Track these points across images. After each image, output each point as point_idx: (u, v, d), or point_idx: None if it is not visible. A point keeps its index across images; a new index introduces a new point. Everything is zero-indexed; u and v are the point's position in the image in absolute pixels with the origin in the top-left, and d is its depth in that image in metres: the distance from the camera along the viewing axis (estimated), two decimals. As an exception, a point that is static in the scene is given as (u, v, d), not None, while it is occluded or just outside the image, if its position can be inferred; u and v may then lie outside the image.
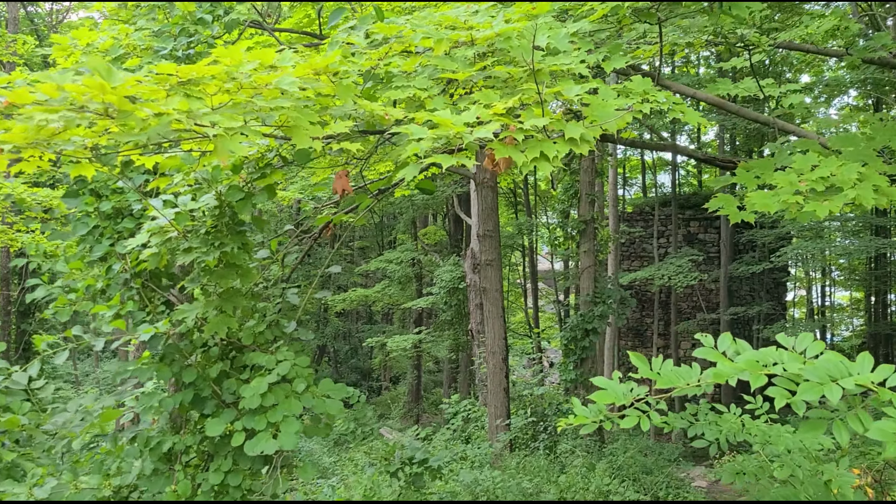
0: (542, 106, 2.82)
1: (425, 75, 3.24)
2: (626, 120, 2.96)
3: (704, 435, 3.51)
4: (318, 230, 4.43)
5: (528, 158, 2.70)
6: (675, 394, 2.05)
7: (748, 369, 1.92)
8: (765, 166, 3.45)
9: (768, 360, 1.97)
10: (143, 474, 3.86)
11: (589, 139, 2.76)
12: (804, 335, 2.03)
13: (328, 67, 3.08)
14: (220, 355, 3.97)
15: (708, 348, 2.06)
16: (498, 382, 15.62)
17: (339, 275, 39.94)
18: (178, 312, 3.72)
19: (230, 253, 3.70)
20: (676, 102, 3.17)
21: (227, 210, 3.72)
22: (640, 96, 3.15)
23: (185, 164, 3.56)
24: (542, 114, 2.80)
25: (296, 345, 3.96)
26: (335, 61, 3.08)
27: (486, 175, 16.14)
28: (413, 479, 6.52)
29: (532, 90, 2.89)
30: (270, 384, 3.64)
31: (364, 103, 3.03)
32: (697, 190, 37.03)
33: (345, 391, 3.79)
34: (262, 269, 4.17)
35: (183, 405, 3.91)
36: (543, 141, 2.74)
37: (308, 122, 2.97)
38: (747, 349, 2.05)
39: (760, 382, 1.90)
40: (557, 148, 2.72)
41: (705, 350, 2.06)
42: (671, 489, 13.64)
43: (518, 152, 2.71)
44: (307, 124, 2.95)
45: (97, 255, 4.04)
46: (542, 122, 2.73)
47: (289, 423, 3.55)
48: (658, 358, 2.15)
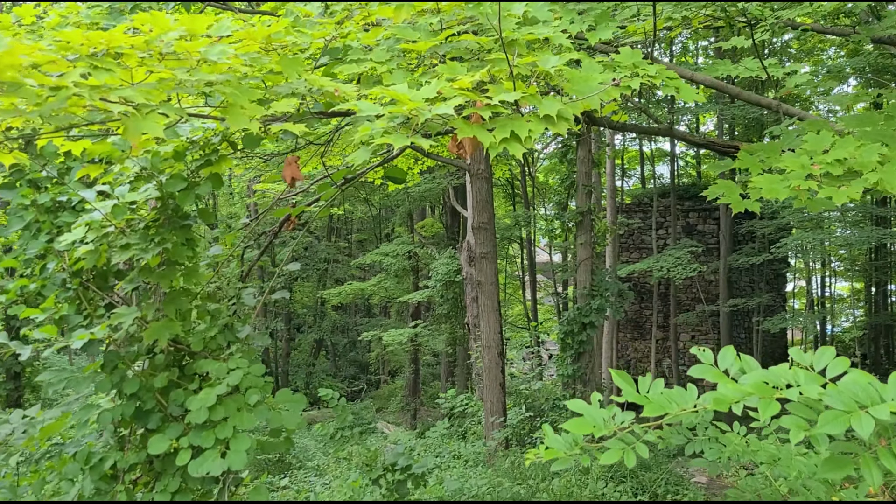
0: (514, 79, 2.42)
1: (384, 48, 2.85)
2: (612, 95, 2.56)
3: (704, 453, 3.12)
4: (277, 225, 4.05)
5: (497, 139, 2.31)
6: (669, 420, 1.68)
7: (756, 393, 1.54)
8: (770, 149, 3.07)
9: (780, 382, 1.59)
10: (82, 495, 3.49)
11: (567, 116, 2.37)
12: (824, 350, 1.65)
13: (271, 38, 2.69)
14: (168, 363, 3.60)
15: (706, 366, 1.68)
16: (494, 378, 15.26)
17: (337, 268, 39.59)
18: (116, 316, 3.33)
19: (172, 249, 3.31)
20: (671, 77, 2.77)
21: (168, 202, 3.33)
22: (628, 70, 2.76)
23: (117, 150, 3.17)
24: (513, 88, 2.40)
25: (250, 352, 3.58)
26: (280, 31, 2.68)
27: (480, 166, 15.76)
28: (396, 487, 6.16)
29: (503, 61, 2.49)
30: (220, 396, 3.27)
31: (312, 78, 2.64)
32: (696, 181, 36.66)
33: (303, 403, 3.42)
34: (216, 267, 3.79)
35: (124, 419, 3.54)
36: (514, 119, 2.35)
37: (248, 101, 2.57)
38: (754, 367, 1.67)
39: (772, 411, 1.52)
40: (530, 127, 2.33)
41: (703, 368, 1.68)
42: (670, 486, 13.29)
43: (485, 132, 2.32)
44: (246, 103, 2.56)
45: (32, 253, 3.66)
46: (513, 96, 2.34)
47: (239, 440, 3.18)
48: (646, 377, 1.77)
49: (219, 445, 3.19)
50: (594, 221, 17.75)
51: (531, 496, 7.95)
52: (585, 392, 16.98)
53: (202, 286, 3.69)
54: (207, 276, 3.65)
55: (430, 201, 32.87)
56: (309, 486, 11.19)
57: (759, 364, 2.23)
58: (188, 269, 3.43)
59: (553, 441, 1.78)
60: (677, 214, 31.70)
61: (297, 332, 40.18)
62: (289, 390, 3.46)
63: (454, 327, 26.46)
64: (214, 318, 3.64)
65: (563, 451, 1.73)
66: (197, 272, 3.49)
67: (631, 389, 1.72)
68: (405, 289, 30.58)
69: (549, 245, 42.32)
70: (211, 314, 3.66)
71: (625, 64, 2.75)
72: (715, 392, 1.60)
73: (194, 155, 3.34)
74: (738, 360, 1.69)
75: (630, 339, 33.24)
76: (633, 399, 1.71)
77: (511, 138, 2.31)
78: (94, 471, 3.50)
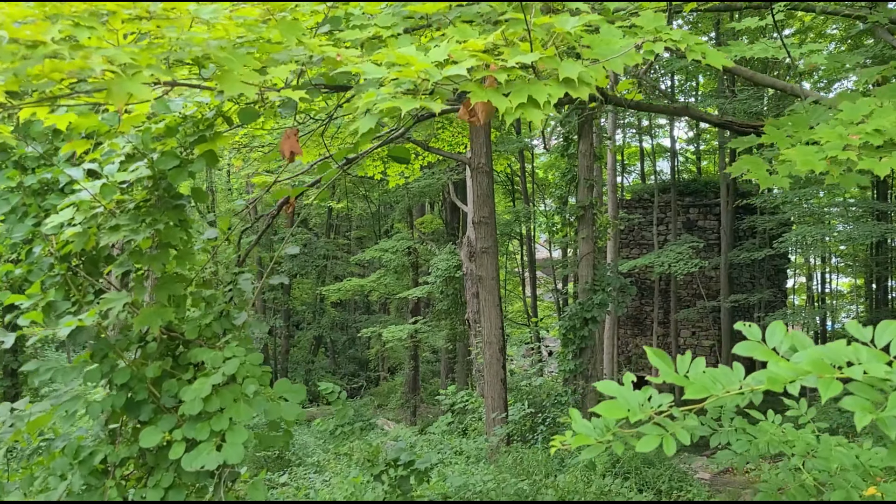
0: (531, 40, 2.24)
1: (389, 12, 2.67)
2: (635, 59, 2.39)
3: (731, 445, 2.94)
4: (276, 207, 3.86)
5: (514, 104, 2.13)
6: (711, 404, 1.51)
7: (815, 372, 1.37)
8: (798, 123, 2.89)
9: (840, 360, 1.42)
10: (71, 491, 3.31)
11: (589, 80, 2.19)
12: (887, 323, 1.47)
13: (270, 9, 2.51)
14: (161, 352, 3.41)
15: (754, 343, 1.50)
16: (495, 373, 15.10)
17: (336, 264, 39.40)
18: (105, 302, 3.15)
19: (164, 231, 3.13)
20: (697, 42, 2.59)
21: (161, 181, 3.15)
22: (650, 34, 2.58)
23: (105, 125, 2.98)
24: (529, 49, 2.22)
25: (247, 340, 3.39)
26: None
27: (481, 160, 15.57)
28: (398, 483, 5.98)
29: (519, 22, 2.31)
30: (215, 386, 3.09)
31: (312, 43, 2.46)
32: (696, 176, 36.49)
33: (303, 393, 3.24)
34: (212, 252, 3.61)
35: (115, 411, 3.36)
36: (532, 83, 2.17)
37: (243, 68, 2.39)
38: (807, 343, 1.50)
39: (834, 392, 1.35)
40: (549, 91, 2.14)
41: (750, 345, 1.50)
42: (673, 482, 13.13)
43: (500, 96, 2.14)
44: (242, 69, 2.37)
45: (19, 237, 3.47)
46: (530, 58, 2.15)
47: (235, 432, 3.00)
48: (685, 355, 1.59)
49: (214, 438, 3.01)
50: (596, 216, 17.54)
51: (535, 493, 7.77)
52: (588, 388, 16.80)
53: (197, 272, 3.51)
54: (202, 261, 3.47)
55: (429, 197, 32.70)
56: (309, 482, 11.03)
57: None
58: (181, 251, 3.24)
59: (582, 426, 1.60)
60: (678, 210, 31.56)
61: (296, 329, 40.02)
62: (287, 381, 3.28)
63: (454, 323, 26.30)
64: (209, 304, 3.46)
65: (594, 437, 1.56)
66: (191, 255, 3.30)
67: (669, 369, 1.54)
68: (405, 285, 30.42)
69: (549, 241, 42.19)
70: (206, 301, 3.47)
71: (647, 28, 2.58)
72: (766, 371, 1.43)
73: (187, 130, 3.16)
74: (787, 336, 1.51)
75: (630, 335, 33.12)
76: (671, 380, 1.54)
77: (528, 103, 2.13)
78: (83, 465, 3.32)
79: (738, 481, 16.33)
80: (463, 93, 2.33)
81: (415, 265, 31.63)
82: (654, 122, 35.16)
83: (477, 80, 2.19)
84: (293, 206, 3.62)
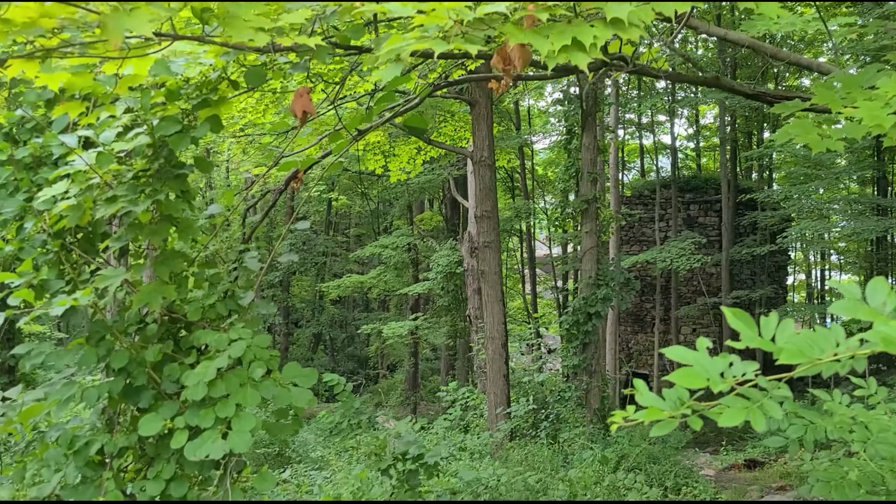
0: (574, -22, 2.02)
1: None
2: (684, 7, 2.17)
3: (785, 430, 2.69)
4: (283, 181, 3.64)
5: (556, 46, 1.91)
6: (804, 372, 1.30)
7: (937, 331, 1.16)
8: (850, 83, 2.68)
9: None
10: (65, 483, 3.10)
11: (637, 23, 1.97)
12: None
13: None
14: (162, 334, 3.19)
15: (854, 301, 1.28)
16: (497, 369, 14.90)
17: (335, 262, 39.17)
18: (100, 278, 2.92)
19: (165, 202, 2.90)
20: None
21: (161, 149, 2.92)
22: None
23: (101, 85, 2.76)
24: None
25: (254, 321, 3.17)
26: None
27: (483, 153, 15.35)
28: (407, 477, 5.76)
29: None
30: (220, 369, 2.87)
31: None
32: (696, 173, 36.35)
33: (314, 377, 3.02)
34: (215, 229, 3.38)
35: (112, 397, 3.13)
36: (576, 23, 1.95)
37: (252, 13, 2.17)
38: (914, 302, 1.29)
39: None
40: (595, 33, 1.93)
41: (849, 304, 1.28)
42: (679, 479, 12.94)
43: (541, 38, 1.92)
44: (250, 14, 2.15)
45: (10, 213, 3.25)
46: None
47: (242, 419, 2.78)
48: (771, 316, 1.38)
49: (219, 425, 2.79)
50: (599, 210, 17.33)
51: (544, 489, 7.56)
52: (591, 383, 16.60)
53: (199, 250, 3.29)
54: (205, 239, 3.25)
55: (429, 193, 32.47)
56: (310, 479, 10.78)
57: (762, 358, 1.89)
58: (183, 223, 3.02)
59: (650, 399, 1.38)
60: (678, 207, 31.41)
61: (295, 326, 39.80)
62: (297, 364, 3.06)
63: (455, 320, 26.08)
64: (213, 284, 3.24)
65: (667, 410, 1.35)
66: (193, 228, 3.07)
67: (752, 332, 1.33)
68: (405, 282, 30.20)
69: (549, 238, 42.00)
70: (210, 281, 3.25)
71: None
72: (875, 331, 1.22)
73: (189, 94, 2.94)
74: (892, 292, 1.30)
75: (631, 332, 32.96)
76: (756, 344, 1.33)
77: (572, 46, 1.92)
78: (78, 456, 3.10)
79: (744, 478, 16.15)
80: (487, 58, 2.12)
81: (415, 262, 31.43)
82: (654, 119, 35.01)
83: (513, 22, 1.97)
84: (300, 181, 3.39)
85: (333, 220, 42.59)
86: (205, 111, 2.93)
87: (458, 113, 20.22)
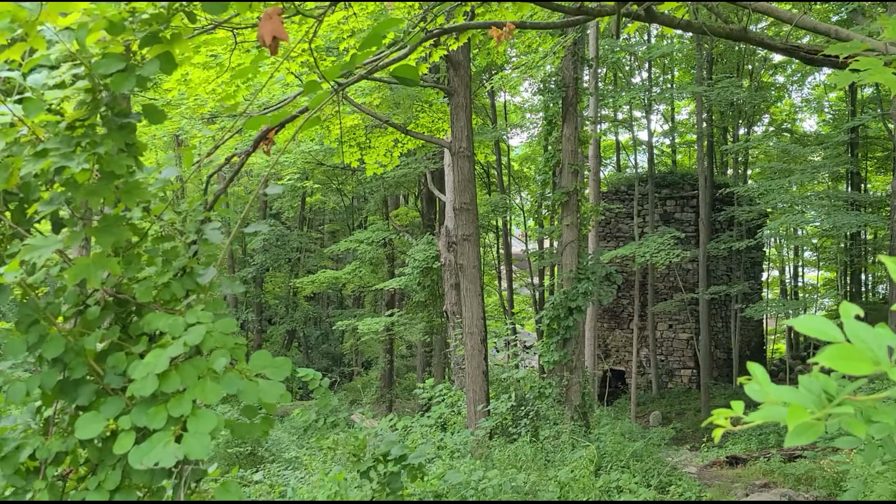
0: None
1: None
2: None
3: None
4: (253, 142, 3.16)
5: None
6: None
7: None
8: None
9: None
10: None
11: None
12: None
13: None
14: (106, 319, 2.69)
15: None
16: (476, 365, 14.47)
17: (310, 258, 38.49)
18: (27, 249, 2.41)
19: (107, 157, 2.39)
20: None
21: (102, 95, 2.42)
22: None
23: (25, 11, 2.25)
24: None
25: (216, 303, 2.68)
26: None
27: (462, 144, 14.91)
28: (389, 480, 5.30)
29: None
30: (174, 359, 2.38)
31: None
32: (672, 169, 36.30)
33: (288, 368, 2.54)
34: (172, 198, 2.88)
35: (45, 393, 2.64)
36: None
37: None
38: None
39: None
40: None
41: None
42: (664, 477, 12.66)
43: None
44: None
45: (-75, 177, 2.73)
46: None
47: (200, 419, 2.29)
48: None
49: (172, 426, 2.30)
50: (580, 202, 16.97)
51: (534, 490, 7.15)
52: (572, 379, 16.25)
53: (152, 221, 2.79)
54: (159, 208, 2.76)
55: (405, 188, 31.96)
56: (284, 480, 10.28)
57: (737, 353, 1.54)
58: (130, 184, 2.51)
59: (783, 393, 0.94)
60: (655, 202, 31.29)
61: (268, 323, 39.12)
62: (267, 353, 2.59)
63: (431, 316, 25.64)
64: (168, 261, 2.75)
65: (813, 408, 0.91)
66: (142, 189, 2.57)
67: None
68: (380, 277, 29.69)
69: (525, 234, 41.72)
70: (164, 257, 2.76)
71: None
72: None
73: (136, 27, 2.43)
74: None
75: (608, 328, 32.83)
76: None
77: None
78: (6, 463, 2.60)
79: (727, 475, 15.93)
80: None
81: (390, 257, 30.93)
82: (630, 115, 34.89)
83: None
84: (271, 141, 2.90)
85: (307, 216, 41.94)
86: (155, 47, 2.43)
87: (435, 103, 19.74)
